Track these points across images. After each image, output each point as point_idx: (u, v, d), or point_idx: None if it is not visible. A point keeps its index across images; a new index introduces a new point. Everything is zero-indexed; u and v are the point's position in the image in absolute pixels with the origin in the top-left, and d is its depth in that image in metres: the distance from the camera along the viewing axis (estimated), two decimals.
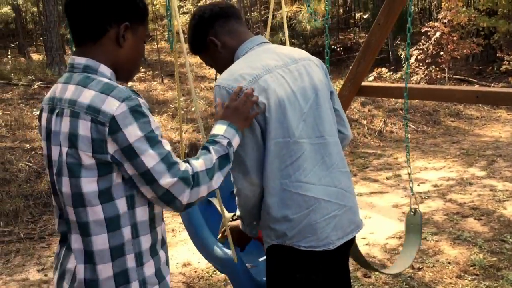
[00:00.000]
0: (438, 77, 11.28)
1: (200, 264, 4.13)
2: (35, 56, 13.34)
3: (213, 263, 2.36)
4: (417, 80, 11.22)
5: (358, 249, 3.09)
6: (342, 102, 3.77)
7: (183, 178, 1.38)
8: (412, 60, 11.72)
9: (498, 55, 13.40)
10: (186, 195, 1.39)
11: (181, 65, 12.35)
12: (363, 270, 3.84)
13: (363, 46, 3.71)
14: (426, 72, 11.32)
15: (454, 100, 3.40)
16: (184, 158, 1.54)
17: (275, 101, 1.69)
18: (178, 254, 4.38)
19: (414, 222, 3.24)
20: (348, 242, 1.85)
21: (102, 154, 1.33)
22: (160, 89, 9.75)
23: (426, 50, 11.54)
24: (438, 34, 11.16)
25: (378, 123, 8.91)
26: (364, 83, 3.87)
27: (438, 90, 3.59)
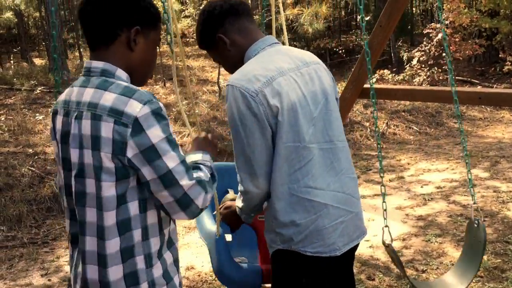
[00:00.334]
0: (441, 78, 11.26)
1: (203, 267, 4.12)
2: (38, 61, 13.36)
3: (200, 233, 2.49)
4: (419, 81, 11.21)
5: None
6: (344, 104, 3.78)
7: (199, 181, 1.42)
8: (414, 61, 11.72)
9: (500, 56, 13.36)
10: (202, 199, 1.42)
11: (183, 68, 12.38)
12: (367, 272, 3.83)
13: (365, 48, 3.70)
14: (428, 73, 11.31)
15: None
16: None
17: (288, 104, 1.66)
18: (182, 258, 4.35)
19: (478, 236, 2.97)
20: (353, 247, 1.84)
21: (121, 155, 1.35)
22: (162, 92, 9.76)
23: (428, 51, 11.54)
24: (440, 36, 11.15)
25: (381, 125, 8.89)
26: (366, 85, 3.87)
27: (441, 91, 3.59)
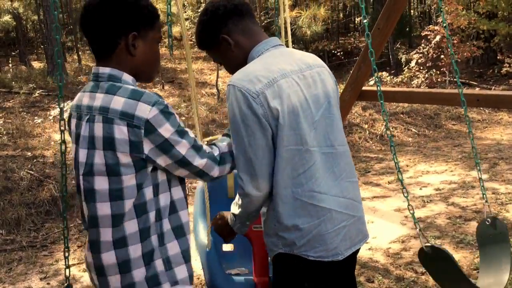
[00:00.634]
0: (439, 80, 11.27)
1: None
2: (36, 64, 13.36)
3: (196, 244, 2.62)
4: (417, 83, 11.22)
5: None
6: (343, 106, 3.78)
7: (210, 157, 1.63)
8: (412, 63, 11.73)
9: (498, 58, 13.42)
10: (216, 171, 1.66)
11: (182, 71, 12.38)
12: (366, 275, 3.83)
13: (363, 50, 3.72)
14: (426, 75, 11.32)
15: (455, 103, 3.40)
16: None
17: (289, 107, 1.65)
18: None
19: (500, 228, 2.85)
20: (355, 251, 1.84)
21: (139, 153, 1.50)
22: (161, 95, 9.78)
23: (426, 53, 11.54)
24: (438, 38, 11.16)
25: (379, 127, 8.90)
26: (364, 88, 3.88)
27: (439, 93, 3.60)
